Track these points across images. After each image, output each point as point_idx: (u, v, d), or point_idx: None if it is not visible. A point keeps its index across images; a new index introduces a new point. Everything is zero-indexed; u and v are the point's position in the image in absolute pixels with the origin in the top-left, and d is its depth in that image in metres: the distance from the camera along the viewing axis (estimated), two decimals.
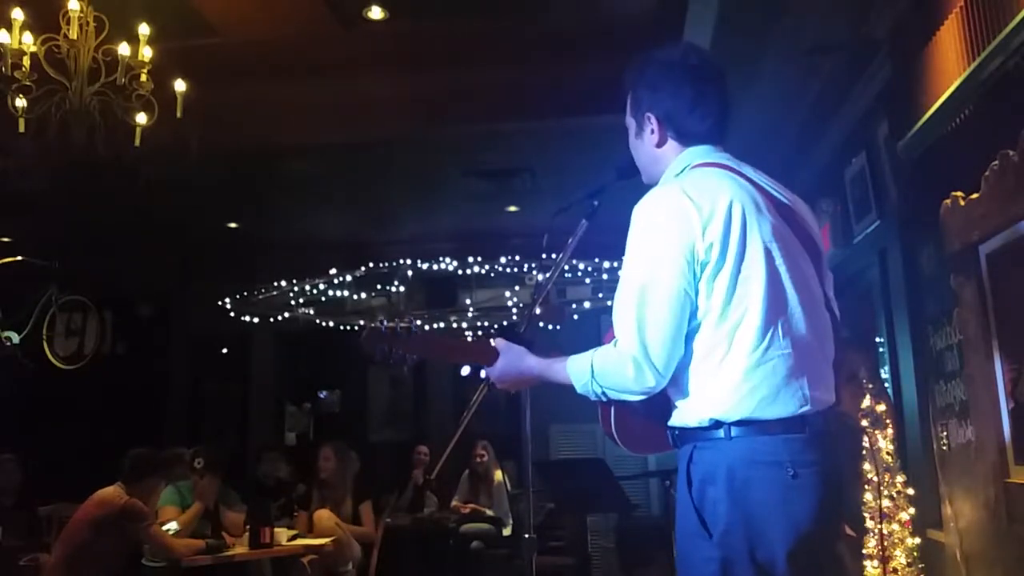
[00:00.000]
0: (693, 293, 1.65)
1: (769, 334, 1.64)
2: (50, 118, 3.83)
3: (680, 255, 1.64)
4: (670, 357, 1.65)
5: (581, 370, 1.72)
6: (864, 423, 3.82)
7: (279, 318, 7.80)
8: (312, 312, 7.70)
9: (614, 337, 1.72)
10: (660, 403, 1.78)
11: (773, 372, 1.63)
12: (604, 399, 1.73)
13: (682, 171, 1.80)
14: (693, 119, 1.81)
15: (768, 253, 1.67)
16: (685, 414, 1.71)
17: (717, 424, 1.65)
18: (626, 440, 1.87)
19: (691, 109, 1.81)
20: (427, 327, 1.76)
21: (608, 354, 1.69)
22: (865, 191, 4.36)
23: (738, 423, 1.63)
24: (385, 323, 1.71)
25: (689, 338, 1.68)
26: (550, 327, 7.04)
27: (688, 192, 1.68)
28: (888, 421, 3.82)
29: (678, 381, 1.70)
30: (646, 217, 1.70)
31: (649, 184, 1.93)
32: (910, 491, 3.73)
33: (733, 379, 1.63)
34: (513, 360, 1.83)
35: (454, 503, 6.62)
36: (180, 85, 4.03)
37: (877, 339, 4.51)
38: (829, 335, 1.75)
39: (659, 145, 1.85)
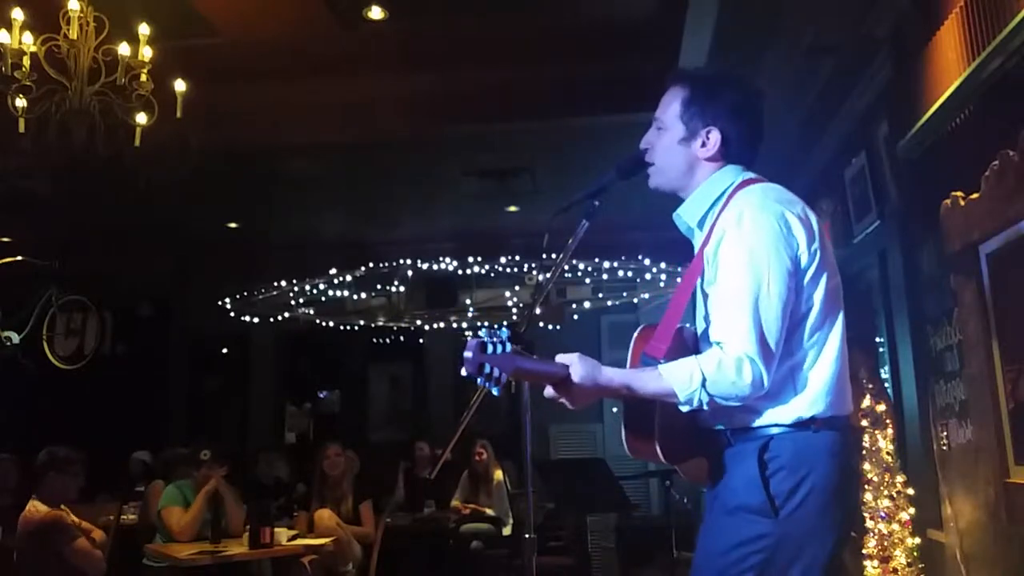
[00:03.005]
0: (792, 300, 1.73)
1: (844, 339, 1.80)
2: (50, 118, 3.82)
3: (789, 262, 1.73)
4: (776, 360, 1.69)
5: (686, 378, 1.68)
6: (864, 423, 3.82)
7: (279, 318, 7.79)
8: (312, 312, 7.70)
9: (668, 346, 1.75)
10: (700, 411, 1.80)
11: (846, 373, 1.79)
12: (704, 407, 1.70)
13: (734, 183, 1.86)
14: (746, 147, 1.91)
15: (835, 264, 1.83)
16: (778, 413, 1.73)
17: (810, 420, 1.73)
18: (669, 454, 1.82)
19: (749, 139, 1.91)
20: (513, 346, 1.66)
21: (722, 359, 1.67)
22: (865, 191, 4.35)
23: (825, 419, 1.74)
24: (489, 339, 1.58)
25: (784, 342, 1.73)
26: (550, 327, 7.05)
27: (784, 203, 1.78)
28: (888, 421, 3.83)
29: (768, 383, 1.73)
30: (753, 224, 1.74)
31: (658, 187, 1.94)
32: (910, 491, 3.73)
33: (826, 380, 1.75)
34: (590, 373, 1.72)
35: (454, 503, 6.61)
36: (180, 85, 4.02)
37: (877, 339, 4.51)
38: None
39: (709, 159, 1.89)
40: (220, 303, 7.67)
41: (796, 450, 1.71)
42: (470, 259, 6.86)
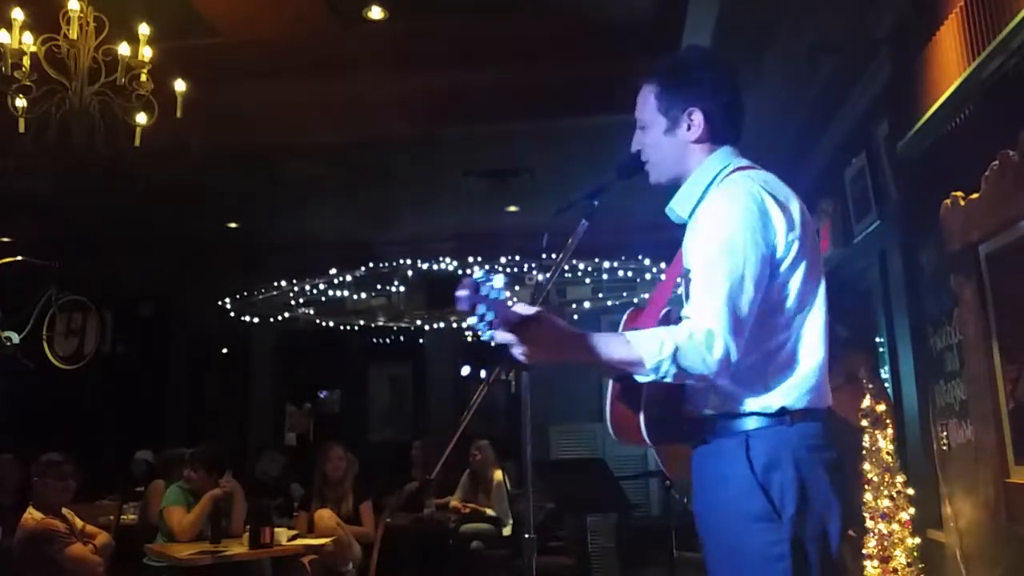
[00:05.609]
0: (765, 285, 1.71)
1: (826, 332, 1.78)
2: (50, 118, 3.82)
3: (765, 247, 1.71)
4: (743, 341, 1.67)
5: (656, 347, 1.63)
6: (864, 423, 3.82)
7: (279, 318, 7.80)
8: (312, 312, 7.70)
9: (654, 327, 1.74)
10: (683, 392, 1.81)
11: (825, 366, 1.78)
12: (670, 380, 1.66)
13: (724, 169, 1.84)
14: (729, 122, 1.89)
15: (820, 257, 1.82)
16: (748, 402, 1.73)
17: (782, 412, 1.72)
18: (654, 434, 1.82)
19: (730, 112, 1.89)
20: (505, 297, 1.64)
21: (693, 332, 1.64)
22: (865, 191, 4.36)
23: (800, 411, 1.73)
24: (484, 281, 1.56)
25: (756, 328, 1.71)
26: None
27: (770, 190, 1.76)
28: (888, 421, 3.82)
29: (739, 369, 1.70)
30: (734, 206, 1.73)
31: (658, 183, 1.94)
32: (910, 491, 3.72)
33: (803, 372, 1.74)
34: (560, 324, 1.66)
35: (453, 503, 6.61)
36: (180, 85, 4.03)
37: (877, 339, 4.51)
38: None
39: (698, 141, 1.87)
40: (220, 303, 7.67)
41: (774, 445, 1.70)
42: (470, 259, 6.85)
